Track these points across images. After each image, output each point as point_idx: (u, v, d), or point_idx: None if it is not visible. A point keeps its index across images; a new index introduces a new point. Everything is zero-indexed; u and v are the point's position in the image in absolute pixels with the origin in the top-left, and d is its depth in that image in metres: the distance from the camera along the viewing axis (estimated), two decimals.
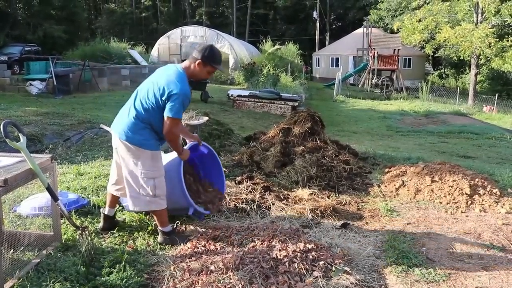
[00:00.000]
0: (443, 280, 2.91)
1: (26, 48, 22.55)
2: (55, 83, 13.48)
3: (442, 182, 4.87)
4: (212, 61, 3.28)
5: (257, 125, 10.97)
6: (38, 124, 7.60)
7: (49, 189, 2.94)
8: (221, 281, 2.72)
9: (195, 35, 26.41)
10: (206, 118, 6.10)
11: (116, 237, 3.53)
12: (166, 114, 3.13)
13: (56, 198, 2.98)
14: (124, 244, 3.41)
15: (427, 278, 2.93)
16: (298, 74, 24.28)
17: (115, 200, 3.70)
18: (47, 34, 28.73)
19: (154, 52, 27.14)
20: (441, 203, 4.58)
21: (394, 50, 28.61)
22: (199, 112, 6.61)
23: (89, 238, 3.08)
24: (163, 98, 3.14)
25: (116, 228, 3.66)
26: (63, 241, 3.31)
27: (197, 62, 3.25)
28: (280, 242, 3.19)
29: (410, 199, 4.74)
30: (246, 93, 15.21)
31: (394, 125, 15.13)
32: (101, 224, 3.65)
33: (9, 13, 28.86)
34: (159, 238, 3.48)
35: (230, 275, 2.78)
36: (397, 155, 7.16)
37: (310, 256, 3.02)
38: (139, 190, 3.28)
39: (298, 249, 3.08)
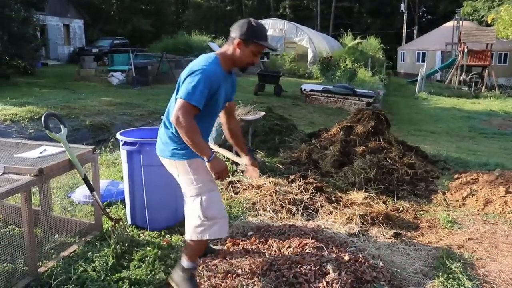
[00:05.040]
0: None
1: (115, 41, 24.02)
2: (134, 74, 14.16)
3: None
4: (255, 37, 2.50)
5: (327, 121, 10.63)
6: (109, 113, 7.97)
7: (85, 180, 2.99)
8: (244, 287, 2.59)
9: (274, 28, 26.30)
10: (262, 113, 5.95)
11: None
12: (178, 96, 2.43)
13: (92, 189, 3.02)
14: (161, 238, 3.40)
15: None
16: (378, 69, 23.30)
17: None
18: (135, 28, 30.34)
19: None
20: None
21: (487, 44, 26.42)
22: (261, 107, 6.50)
23: (121, 231, 3.09)
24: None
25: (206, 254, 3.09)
26: (103, 230, 3.38)
27: (236, 42, 2.50)
28: (315, 250, 2.99)
29: (478, 210, 4.25)
30: (320, 87, 14.86)
31: (478, 126, 13.90)
32: None
33: (103, 9, 30.84)
34: (174, 274, 2.71)
35: (255, 281, 2.64)
36: (473, 159, 6.52)
37: (346, 269, 2.78)
38: (189, 213, 2.62)
39: (333, 260, 2.85)
